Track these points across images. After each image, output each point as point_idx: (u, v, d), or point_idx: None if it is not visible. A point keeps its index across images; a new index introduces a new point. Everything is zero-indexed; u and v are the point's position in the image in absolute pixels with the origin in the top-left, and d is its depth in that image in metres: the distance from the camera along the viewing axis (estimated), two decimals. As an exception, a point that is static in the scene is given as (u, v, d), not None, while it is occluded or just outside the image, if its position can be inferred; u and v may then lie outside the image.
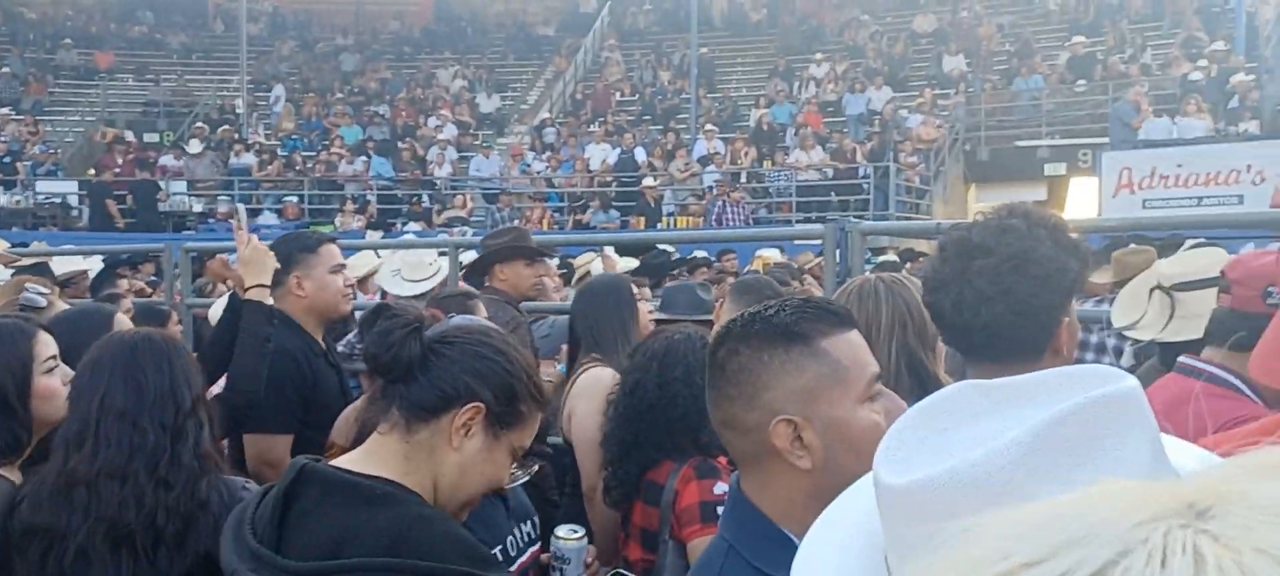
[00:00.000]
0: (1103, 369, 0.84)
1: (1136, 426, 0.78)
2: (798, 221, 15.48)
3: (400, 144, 20.35)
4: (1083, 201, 17.19)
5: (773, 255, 8.96)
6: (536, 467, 1.96)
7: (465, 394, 1.61)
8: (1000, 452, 0.76)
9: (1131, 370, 2.33)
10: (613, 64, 24.26)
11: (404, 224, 16.54)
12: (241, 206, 3.88)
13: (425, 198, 18.41)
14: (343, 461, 1.65)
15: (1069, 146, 17.36)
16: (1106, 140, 15.35)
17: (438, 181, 18.85)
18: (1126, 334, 2.93)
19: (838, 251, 4.41)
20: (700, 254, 8.85)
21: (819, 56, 22.32)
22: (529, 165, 19.59)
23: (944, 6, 24.04)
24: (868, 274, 2.69)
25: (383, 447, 1.62)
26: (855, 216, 14.24)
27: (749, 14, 26.11)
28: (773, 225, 15.49)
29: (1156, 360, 2.73)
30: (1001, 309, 1.61)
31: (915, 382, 2.30)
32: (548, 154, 19.98)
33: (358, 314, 3.59)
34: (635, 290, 3.55)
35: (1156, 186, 13.30)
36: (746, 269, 8.13)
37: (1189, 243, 4.59)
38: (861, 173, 16.90)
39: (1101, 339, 4.39)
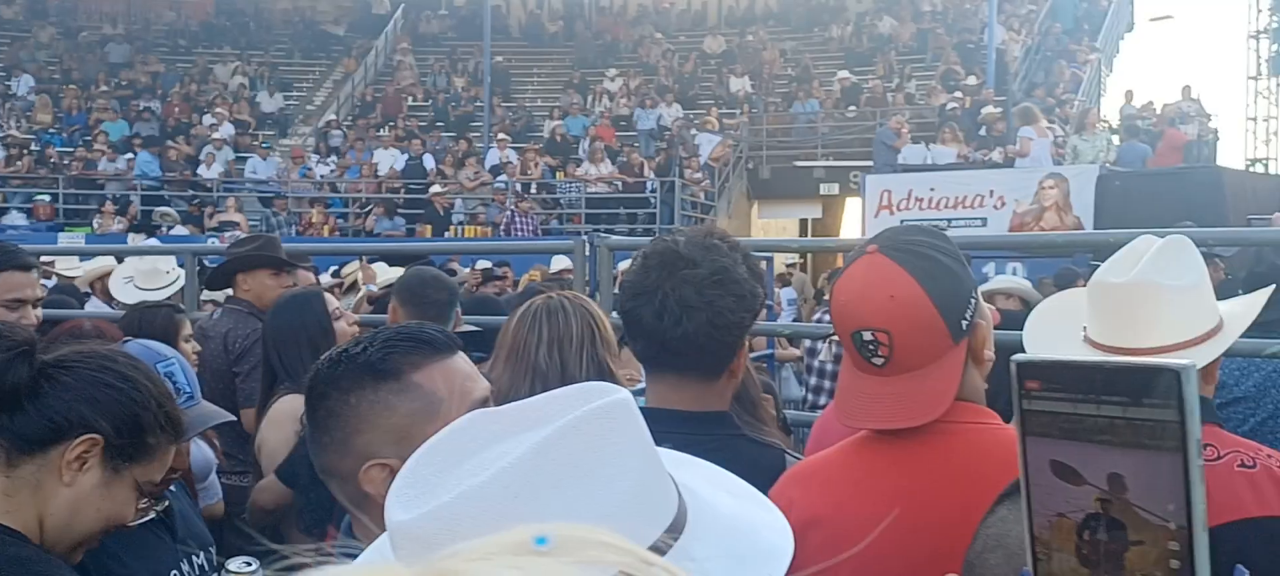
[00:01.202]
0: (602, 385, 0.89)
1: (628, 436, 0.84)
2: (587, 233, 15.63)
3: (169, 142, 19.17)
4: (852, 220, 18.30)
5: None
6: (166, 504, 1.81)
7: (78, 424, 1.48)
8: (504, 473, 0.79)
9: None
10: (405, 68, 23.79)
11: (170, 227, 15.58)
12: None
13: (189, 200, 17.43)
14: None
15: (842, 168, 18.39)
16: (872, 163, 16.37)
17: (209, 182, 17.87)
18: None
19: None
20: (483, 264, 8.78)
21: (613, 71, 22.72)
22: (310, 168, 18.90)
23: (732, 29, 24.99)
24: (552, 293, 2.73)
25: None
26: (605, 231, 14.57)
27: (546, 25, 26.25)
28: (562, 237, 15.59)
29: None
30: (703, 320, 1.62)
31: None
32: (332, 157, 19.35)
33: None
34: (335, 304, 3.41)
35: (913, 208, 14.27)
36: (522, 279, 8.15)
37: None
38: (649, 187, 17.31)
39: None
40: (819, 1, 26.04)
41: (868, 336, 1.42)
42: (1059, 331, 1.77)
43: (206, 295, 4.75)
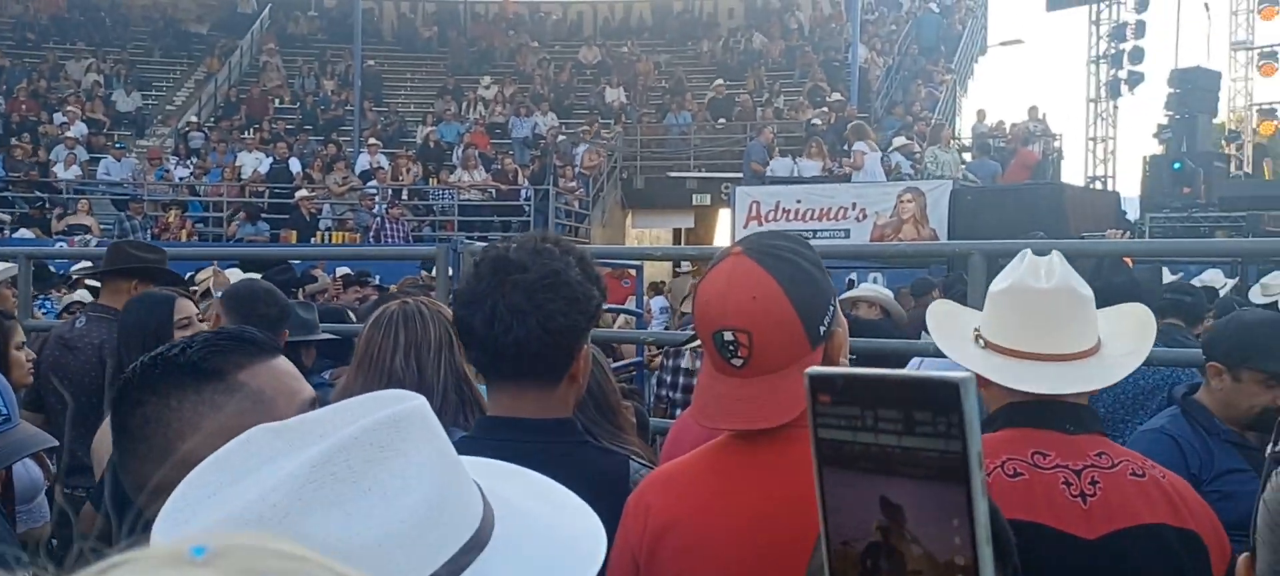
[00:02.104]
0: (394, 393, 0.85)
1: (420, 446, 0.80)
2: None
3: (15, 141, 18.11)
4: (724, 231, 18.68)
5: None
6: None
7: None
8: (272, 491, 0.74)
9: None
10: (272, 69, 23.10)
11: (14, 229, 14.72)
12: None
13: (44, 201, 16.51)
14: None
15: (713, 179, 18.75)
16: (742, 175, 16.76)
17: (59, 184, 16.96)
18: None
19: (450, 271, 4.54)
20: (342, 270, 8.63)
21: (488, 79, 22.59)
22: (168, 170, 18.15)
23: (607, 41, 25.19)
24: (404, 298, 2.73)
25: None
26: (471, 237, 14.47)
27: (420, 30, 25.90)
28: (433, 244, 15.40)
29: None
30: (534, 325, 1.59)
31: (460, 401, 2.41)
32: (193, 159, 18.63)
33: None
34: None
35: (780, 219, 14.68)
36: (392, 288, 8.05)
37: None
38: (524, 195, 17.28)
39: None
40: (692, 16, 26.50)
41: (728, 336, 1.42)
42: (955, 336, 1.86)
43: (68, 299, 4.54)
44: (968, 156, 17.22)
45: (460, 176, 17.63)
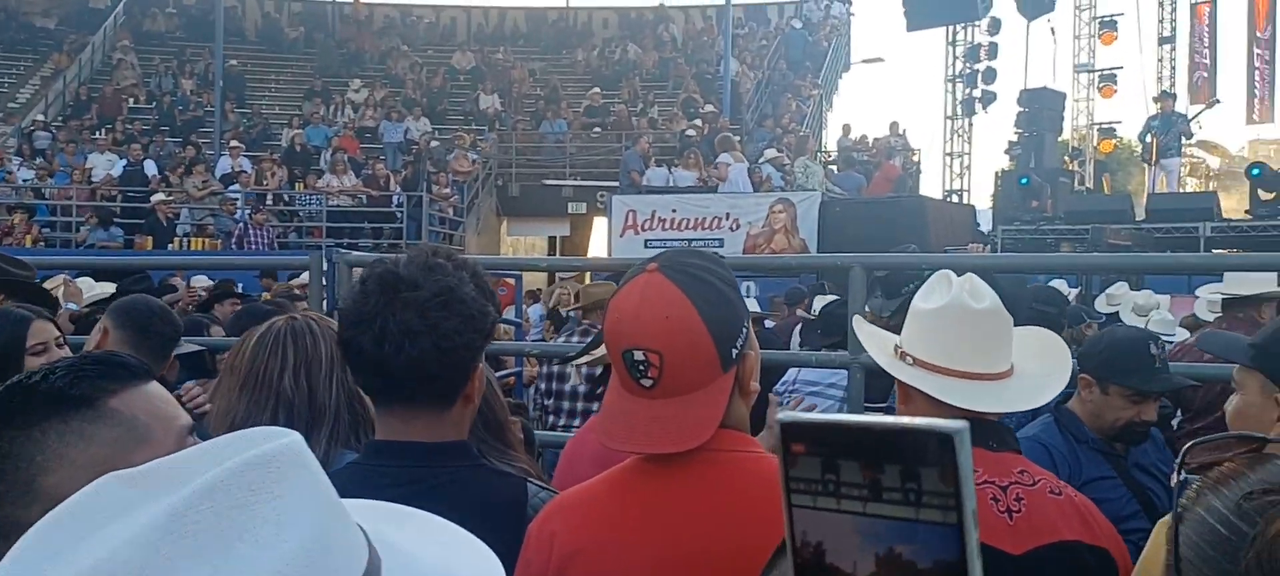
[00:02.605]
0: (263, 430, 0.78)
1: (295, 488, 0.73)
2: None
3: None
4: (599, 239, 18.75)
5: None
6: None
7: None
8: (126, 546, 0.67)
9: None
10: (126, 67, 21.99)
11: None
12: None
13: None
14: None
15: (589, 188, 18.80)
16: (618, 184, 16.86)
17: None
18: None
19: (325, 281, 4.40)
20: (200, 281, 8.26)
21: (357, 82, 22.08)
22: (11, 171, 17.06)
23: (481, 47, 24.96)
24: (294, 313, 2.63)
25: None
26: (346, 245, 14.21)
27: (285, 30, 25.11)
28: (300, 251, 14.93)
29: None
30: (428, 344, 1.51)
31: (353, 421, 2.32)
32: (38, 160, 17.56)
33: None
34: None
35: (656, 228, 14.85)
36: (263, 298, 7.75)
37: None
38: (396, 201, 16.93)
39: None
40: (566, 25, 26.53)
41: (639, 356, 1.38)
42: (883, 354, 1.86)
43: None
44: (835, 169, 17.77)
45: (329, 182, 17.15)
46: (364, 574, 0.76)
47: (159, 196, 15.81)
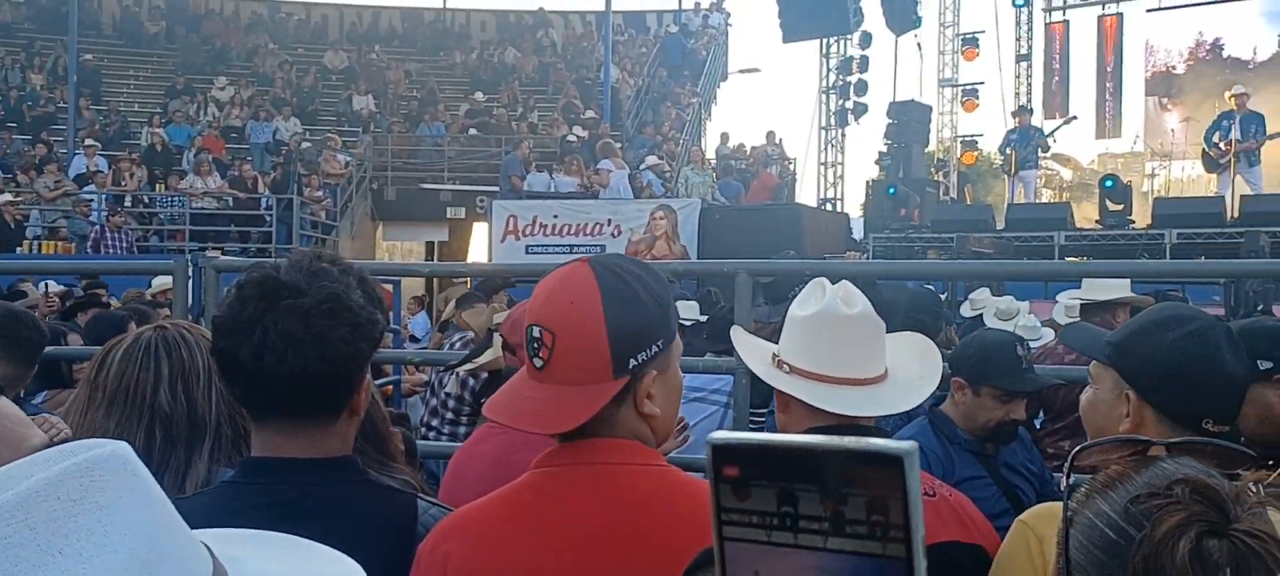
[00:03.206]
0: (87, 441, 0.74)
1: (119, 499, 0.69)
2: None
3: None
4: (479, 244, 18.52)
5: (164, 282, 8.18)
6: None
7: None
8: None
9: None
10: (-34, 58, 20.63)
11: None
12: None
13: None
14: None
15: (468, 192, 18.56)
16: (498, 189, 16.70)
17: None
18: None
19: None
20: (55, 286, 7.78)
21: (223, 80, 21.26)
22: None
23: (354, 46, 24.36)
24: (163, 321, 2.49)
25: None
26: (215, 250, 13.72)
27: (146, 25, 23.97)
28: (161, 255, 14.26)
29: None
30: (312, 354, 1.43)
31: (234, 436, 2.19)
32: None
33: None
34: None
35: (537, 234, 14.76)
36: (116, 304, 7.35)
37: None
38: (264, 203, 16.36)
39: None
40: (443, 27, 26.15)
41: (536, 332, 1.38)
42: (760, 363, 1.85)
43: None
44: (713, 177, 17.97)
45: (192, 183, 16.44)
46: None
47: (5, 197, 14.86)
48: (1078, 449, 1.31)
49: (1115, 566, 1.01)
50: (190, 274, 4.12)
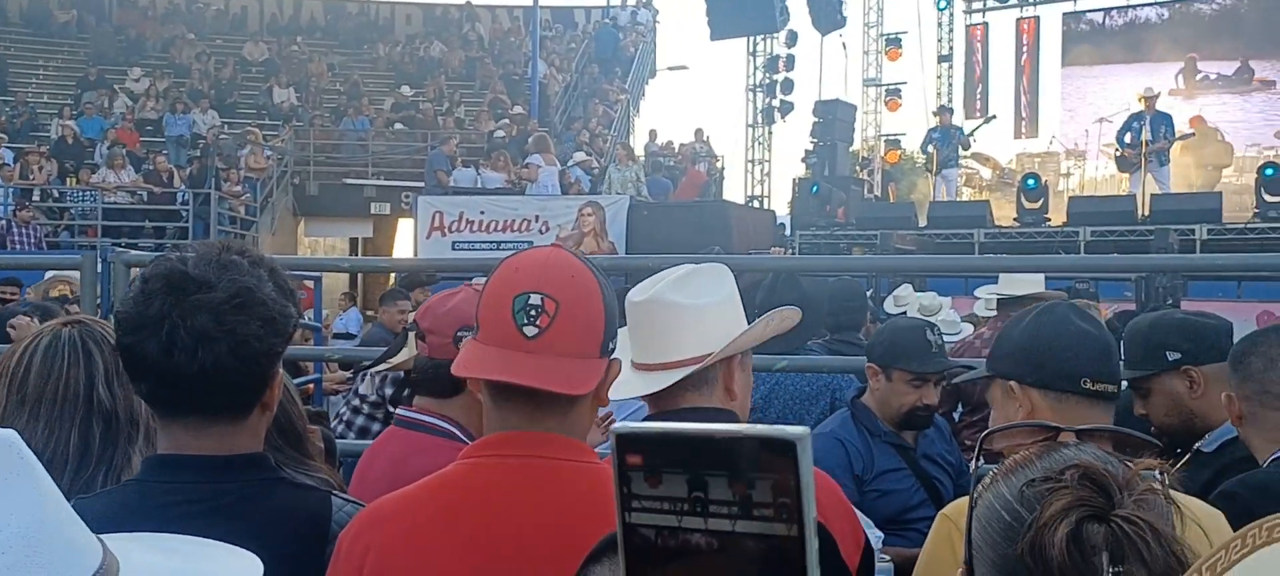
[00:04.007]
0: None
1: (10, 477, 0.70)
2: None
3: None
4: (404, 241, 18.26)
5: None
6: None
7: None
8: None
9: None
10: None
11: None
12: None
13: None
14: None
15: (393, 188, 18.30)
16: (423, 184, 16.49)
17: None
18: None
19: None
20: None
21: (138, 71, 20.63)
22: None
23: (275, 38, 23.83)
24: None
25: None
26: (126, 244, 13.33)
27: (55, 13, 23.13)
28: (71, 251, 13.78)
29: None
30: (224, 351, 1.40)
31: (147, 432, 2.12)
32: None
33: None
34: None
35: (464, 230, 14.61)
36: (27, 292, 7.08)
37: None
38: (180, 198, 15.93)
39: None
40: (367, 19, 25.73)
41: (535, 299, 1.35)
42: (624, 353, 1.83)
43: None
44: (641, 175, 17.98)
45: (105, 177, 15.92)
46: (98, 571, 0.74)
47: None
48: (985, 433, 1.34)
49: (1006, 547, 1.03)
50: (98, 269, 3.99)
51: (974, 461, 1.36)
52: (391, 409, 4.19)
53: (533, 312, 1.35)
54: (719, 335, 1.73)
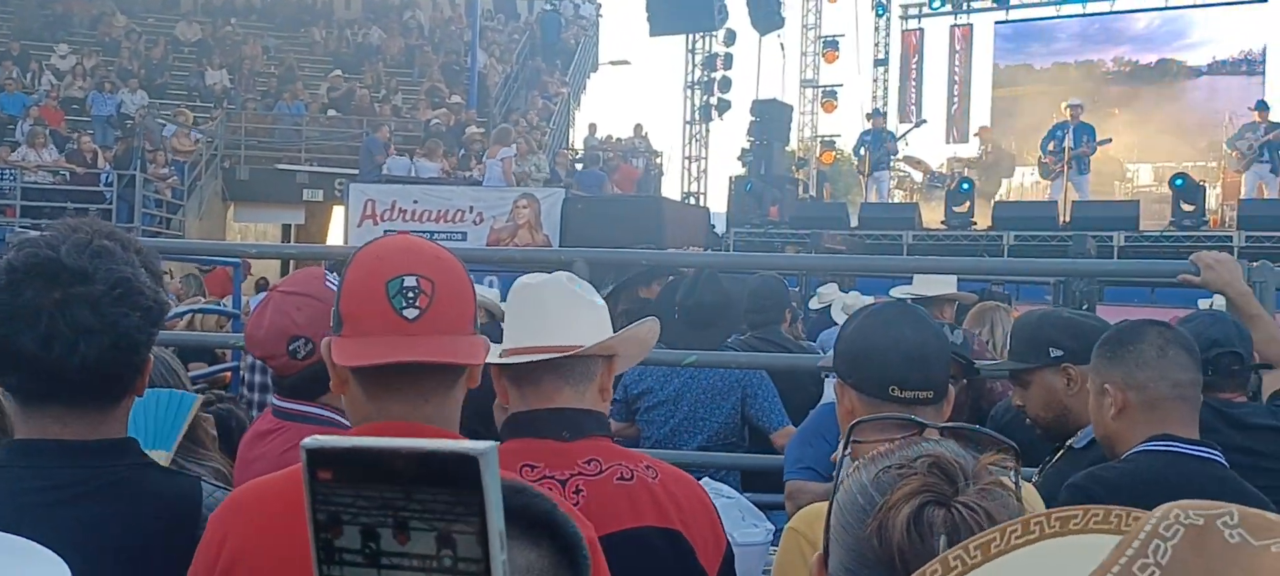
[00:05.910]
0: None
1: None
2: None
3: None
4: (337, 228, 18.00)
5: None
6: None
7: None
8: None
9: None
10: None
11: None
12: None
13: None
14: None
15: (327, 174, 18.03)
16: (358, 171, 16.29)
17: None
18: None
19: None
20: None
21: (64, 47, 20.03)
22: None
23: (208, 18, 23.32)
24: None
25: None
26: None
27: (-24, -17, 22.36)
28: (-13, 231, 13.35)
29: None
30: (106, 344, 1.36)
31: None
32: None
33: None
34: None
35: (396, 219, 14.46)
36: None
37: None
38: (104, 179, 15.52)
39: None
40: (304, 3, 25.29)
41: (411, 281, 1.32)
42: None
43: None
44: (578, 167, 18.01)
45: (25, 155, 15.45)
46: None
47: None
48: (853, 424, 1.39)
49: (858, 529, 1.08)
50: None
51: (840, 449, 1.40)
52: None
53: (411, 294, 1.33)
54: (595, 335, 1.77)
